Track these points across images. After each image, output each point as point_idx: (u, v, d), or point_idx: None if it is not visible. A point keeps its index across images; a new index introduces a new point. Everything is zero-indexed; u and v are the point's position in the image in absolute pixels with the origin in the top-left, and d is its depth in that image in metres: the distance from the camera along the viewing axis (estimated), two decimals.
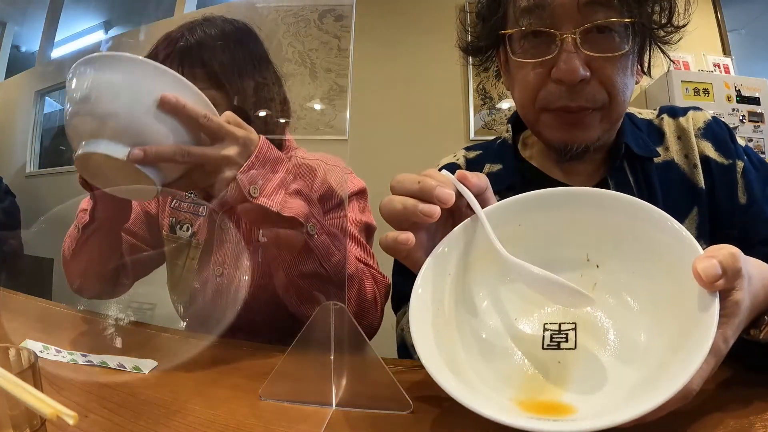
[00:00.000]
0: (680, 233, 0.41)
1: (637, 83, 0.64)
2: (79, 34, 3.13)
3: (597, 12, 0.57)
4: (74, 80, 0.54)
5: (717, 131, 0.69)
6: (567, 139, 0.62)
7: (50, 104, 3.19)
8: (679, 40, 0.63)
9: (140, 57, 0.54)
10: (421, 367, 0.60)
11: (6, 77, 3.35)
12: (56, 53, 3.16)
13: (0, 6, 3.32)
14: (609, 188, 0.66)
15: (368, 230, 0.86)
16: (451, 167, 0.78)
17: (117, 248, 0.81)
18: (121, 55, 0.53)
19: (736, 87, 2.51)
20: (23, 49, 3.49)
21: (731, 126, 2.63)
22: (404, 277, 0.78)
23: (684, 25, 0.61)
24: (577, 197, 0.47)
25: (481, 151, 0.79)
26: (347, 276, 0.69)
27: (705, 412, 0.43)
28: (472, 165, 0.78)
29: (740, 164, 0.66)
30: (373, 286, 0.75)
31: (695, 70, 2.60)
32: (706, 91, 2.48)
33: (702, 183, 0.66)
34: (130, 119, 0.52)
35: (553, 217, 0.47)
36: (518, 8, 0.60)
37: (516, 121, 0.76)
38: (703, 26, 2.71)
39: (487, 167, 0.75)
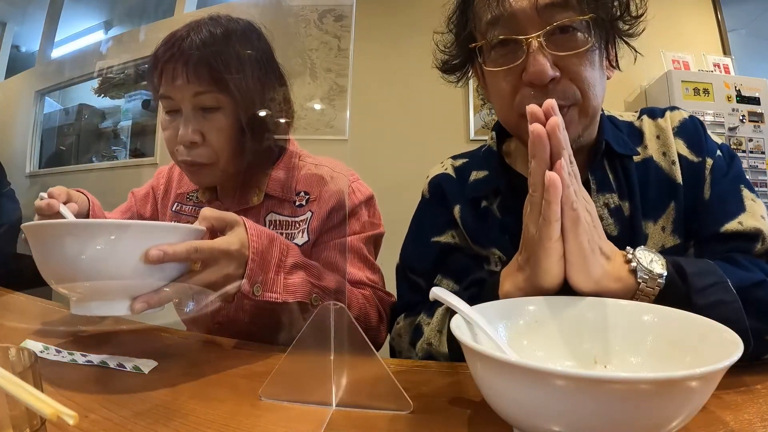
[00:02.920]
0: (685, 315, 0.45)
1: (608, 78, 0.66)
2: (79, 34, 3.13)
3: (556, 13, 0.59)
4: (48, 245, 0.52)
5: (690, 129, 0.70)
6: None
7: (50, 104, 3.19)
8: (642, 31, 0.64)
9: (112, 220, 0.54)
10: (422, 367, 0.61)
11: (6, 77, 3.35)
12: (56, 53, 3.16)
13: (0, 6, 3.32)
14: (589, 187, 0.67)
15: (377, 240, 0.86)
16: (442, 177, 0.80)
17: None
18: (94, 222, 0.54)
19: (736, 87, 2.50)
20: (23, 49, 3.49)
21: (731, 126, 2.62)
22: (410, 288, 0.79)
23: (642, 14, 0.63)
24: (584, 302, 0.50)
25: (467, 159, 0.81)
26: (353, 317, 0.71)
27: (705, 412, 0.43)
28: (459, 172, 0.79)
29: (709, 161, 0.68)
30: (378, 310, 0.76)
31: (695, 70, 2.60)
32: (706, 91, 2.48)
33: (680, 179, 0.68)
34: (122, 280, 0.52)
35: (564, 318, 0.50)
36: (483, 22, 0.63)
37: (500, 129, 0.78)
38: (703, 26, 2.72)
39: (474, 174, 0.77)
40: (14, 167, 3.06)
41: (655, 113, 0.74)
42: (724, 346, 0.37)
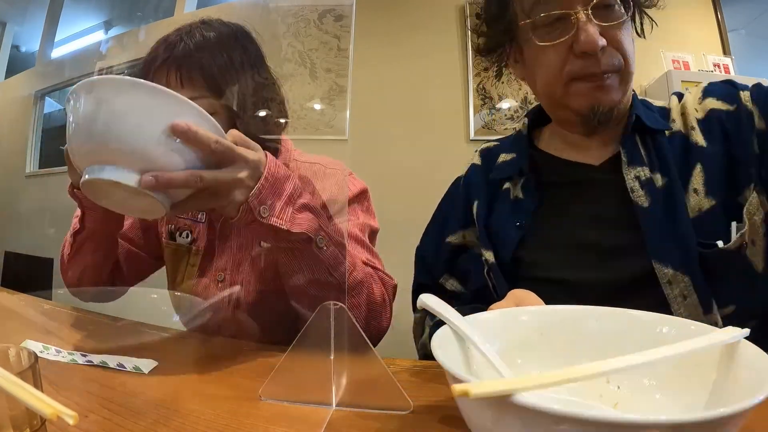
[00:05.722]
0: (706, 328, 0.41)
1: None
2: (79, 34, 3.13)
3: None
4: (80, 102, 0.52)
5: (715, 87, 0.73)
6: (594, 102, 0.68)
7: (50, 104, 3.19)
8: (657, 3, 0.72)
9: (150, 83, 0.52)
10: (422, 367, 0.61)
11: (6, 77, 3.35)
12: (56, 53, 3.16)
13: (0, 6, 3.31)
14: (621, 159, 0.69)
15: (372, 232, 0.86)
16: (471, 170, 0.84)
17: (111, 255, 0.81)
18: (131, 80, 0.51)
19: None
20: (23, 49, 3.49)
21: None
22: (424, 272, 0.85)
23: None
24: (592, 313, 0.47)
25: (498, 143, 0.86)
26: (357, 282, 0.69)
27: None
28: (486, 155, 0.84)
29: (744, 94, 0.68)
30: (382, 289, 0.76)
31: (695, 70, 2.59)
32: None
33: (702, 141, 0.68)
34: (141, 146, 0.51)
35: (573, 330, 0.46)
36: (528, 2, 0.67)
37: (535, 117, 0.82)
38: (703, 26, 2.71)
39: (502, 156, 0.82)
40: (14, 167, 3.06)
41: (682, 95, 0.76)
42: (752, 363, 0.34)
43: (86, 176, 0.53)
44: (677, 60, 2.58)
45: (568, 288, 0.67)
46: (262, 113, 0.80)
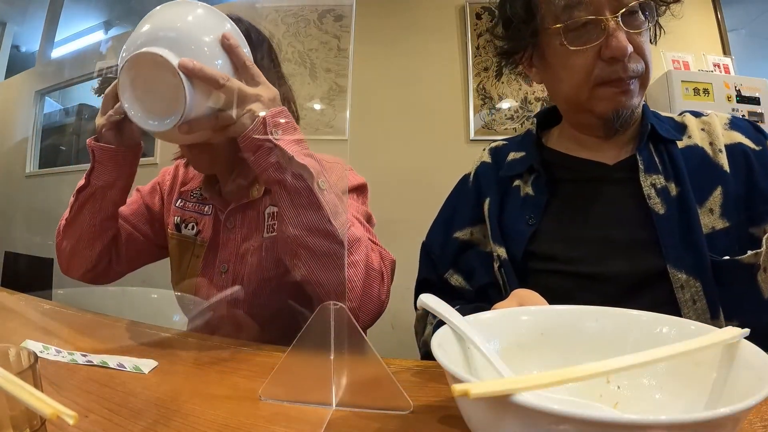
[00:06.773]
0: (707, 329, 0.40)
1: None
2: (79, 34, 3.13)
3: None
4: (158, 8, 0.64)
5: (742, 124, 0.75)
6: (619, 106, 0.70)
7: (50, 104, 3.19)
8: (665, 12, 0.73)
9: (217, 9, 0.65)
10: (422, 367, 0.60)
11: (6, 77, 3.35)
12: (56, 53, 3.16)
13: (0, 6, 3.31)
14: (637, 165, 0.71)
15: (369, 220, 0.87)
16: (481, 168, 0.85)
17: (109, 226, 0.80)
18: (202, 2, 0.66)
19: (736, 87, 2.50)
20: (23, 49, 3.49)
21: None
22: (429, 266, 0.85)
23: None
24: (593, 313, 0.46)
25: (507, 142, 0.87)
26: (355, 239, 0.70)
27: None
28: (495, 154, 0.85)
29: None
30: (379, 260, 0.76)
31: (695, 70, 2.59)
32: (706, 91, 2.47)
33: (727, 167, 0.69)
34: (193, 39, 0.62)
35: (573, 330, 0.46)
36: (558, 7, 0.69)
37: (542, 119, 0.84)
38: (703, 26, 2.71)
39: (511, 155, 0.83)
40: (14, 167, 3.06)
41: (698, 114, 0.79)
42: (752, 363, 0.34)
43: (139, 50, 0.60)
44: (677, 60, 2.58)
45: (583, 280, 0.68)
46: None
